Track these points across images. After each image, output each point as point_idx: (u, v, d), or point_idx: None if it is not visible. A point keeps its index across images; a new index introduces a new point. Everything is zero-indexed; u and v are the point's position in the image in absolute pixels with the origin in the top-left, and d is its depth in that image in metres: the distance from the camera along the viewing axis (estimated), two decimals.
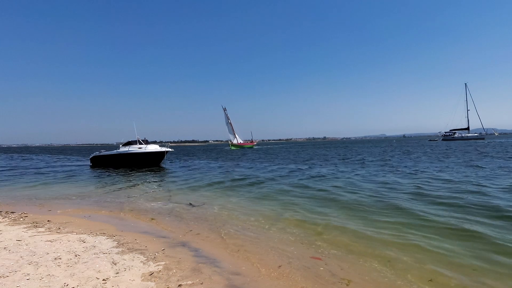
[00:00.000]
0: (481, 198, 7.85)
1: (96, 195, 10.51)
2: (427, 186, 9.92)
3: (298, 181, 12.19)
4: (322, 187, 10.57)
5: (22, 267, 3.94)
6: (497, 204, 7.11)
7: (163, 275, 3.75)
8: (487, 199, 7.66)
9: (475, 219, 6.06)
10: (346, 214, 6.89)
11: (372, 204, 7.71)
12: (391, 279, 3.73)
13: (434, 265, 4.07)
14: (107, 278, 3.63)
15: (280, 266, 4.17)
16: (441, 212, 6.69)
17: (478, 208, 6.87)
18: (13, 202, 9.34)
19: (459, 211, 6.70)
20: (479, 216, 6.25)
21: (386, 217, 6.47)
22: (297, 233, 5.61)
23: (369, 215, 6.65)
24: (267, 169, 17.77)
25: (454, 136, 73.74)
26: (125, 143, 23.00)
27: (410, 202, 7.78)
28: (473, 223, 5.76)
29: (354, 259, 4.37)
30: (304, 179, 12.72)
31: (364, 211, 7.07)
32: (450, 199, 7.82)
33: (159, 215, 7.34)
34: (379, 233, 5.44)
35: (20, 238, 5.32)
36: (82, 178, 16.03)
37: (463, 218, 6.11)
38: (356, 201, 8.13)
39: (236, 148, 65.61)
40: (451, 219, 6.04)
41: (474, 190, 8.88)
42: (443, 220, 6.02)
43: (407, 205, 7.38)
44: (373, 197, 8.55)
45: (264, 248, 4.87)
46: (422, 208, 7.08)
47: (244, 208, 7.85)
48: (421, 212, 6.67)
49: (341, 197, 8.73)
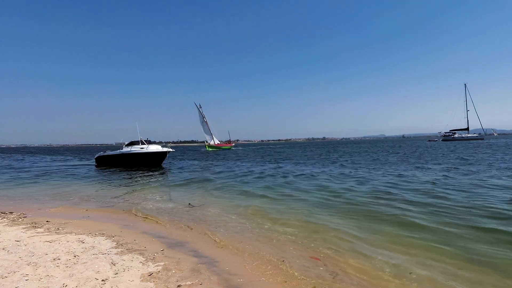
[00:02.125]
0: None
1: (96, 195, 10.49)
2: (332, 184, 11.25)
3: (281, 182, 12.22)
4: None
5: (21, 268, 3.93)
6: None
7: (163, 276, 3.75)
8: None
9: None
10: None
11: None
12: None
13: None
14: (106, 279, 3.62)
15: (280, 266, 4.17)
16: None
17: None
18: (12, 203, 9.31)
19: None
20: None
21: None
22: (296, 234, 5.61)
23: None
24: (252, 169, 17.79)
25: (454, 136, 73.90)
26: (127, 143, 23.23)
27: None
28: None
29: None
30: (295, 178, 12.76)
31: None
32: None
33: (159, 215, 7.33)
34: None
35: (19, 238, 5.31)
36: (81, 178, 15.99)
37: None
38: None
39: (213, 149, 61.02)
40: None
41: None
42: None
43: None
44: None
45: (264, 248, 4.87)
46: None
47: (244, 208, 7.85)
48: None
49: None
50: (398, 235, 5.39)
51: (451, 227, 5.64)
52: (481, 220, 6.01)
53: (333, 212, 7.13)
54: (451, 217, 6.28)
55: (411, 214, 6.61)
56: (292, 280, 3.75)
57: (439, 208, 7.02)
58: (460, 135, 74.27)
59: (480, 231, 5.35)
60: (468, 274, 3.85)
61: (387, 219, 6.36)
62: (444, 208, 7.05)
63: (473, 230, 5.45)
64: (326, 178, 13.16)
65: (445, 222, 5.99)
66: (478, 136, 74.91)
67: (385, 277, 3.81)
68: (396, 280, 3.72)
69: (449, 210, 6.82)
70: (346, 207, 7.64)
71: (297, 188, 10.76)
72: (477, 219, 6.09)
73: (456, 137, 73.46)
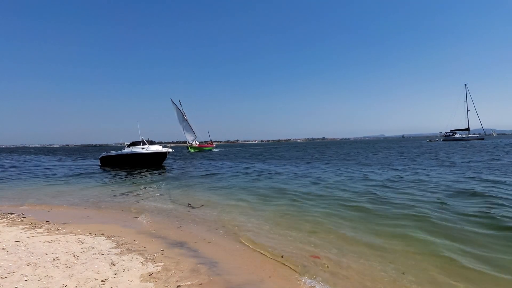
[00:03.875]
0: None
1: (95, 195, 10.48)
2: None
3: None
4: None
5: (21, 268, 3.93)
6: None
7: (162, 276, 3.75)
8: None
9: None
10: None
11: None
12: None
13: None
14: (106, 279, 3.62)
15: (279, 265, 4.17)
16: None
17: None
18: (12, 203, 9.31)
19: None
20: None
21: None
22: (295, 234, 5.61)
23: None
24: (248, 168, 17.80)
25: (455, 136, 73.95)
26: (129, 143, 23.43)
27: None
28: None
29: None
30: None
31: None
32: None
33: (158, 215, 7.32)
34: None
35: (18, 239, 5.31)
36: (81, 178, 15.98)
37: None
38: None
39: (196, 150, 54.19)
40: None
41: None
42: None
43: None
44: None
45: (263, 249, 4.86)
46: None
47: (243, 209, 7.84)
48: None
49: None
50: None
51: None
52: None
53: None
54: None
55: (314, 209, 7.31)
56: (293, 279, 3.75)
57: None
58: (461, 135, 74.29)
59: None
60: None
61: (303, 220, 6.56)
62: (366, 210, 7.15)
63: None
64: (285, 178, 13.82)
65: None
66: (478, 136, 74.94)
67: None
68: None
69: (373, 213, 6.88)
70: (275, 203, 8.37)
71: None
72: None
73: (457, 137, 73.47)
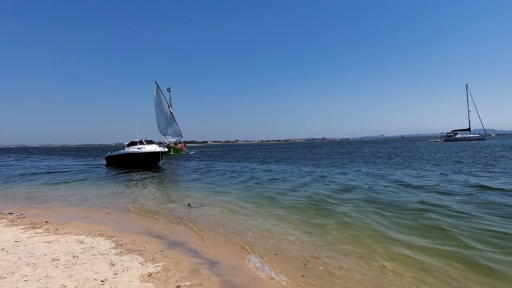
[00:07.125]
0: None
1: (95, 196, 10.47)
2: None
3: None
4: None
5: (20, 268, 3.92)
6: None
7: (162, 276, 3.74)
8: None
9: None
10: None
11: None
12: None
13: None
14: (105, 279, 3.61)
15: (279, 266, 4.16)
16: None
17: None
18: (11, 203, 9.29)
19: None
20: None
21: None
22: (297, 234, 5.61)
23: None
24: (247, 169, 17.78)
25: (456, 136, 74.09)
26: (128, 143, 24.08)
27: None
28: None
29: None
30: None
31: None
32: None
33: (158, 215, 7.31)
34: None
35: (18, 239, 5.30)
36: (80, 179, 15.96)
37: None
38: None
39: (176, 152, 45.74)
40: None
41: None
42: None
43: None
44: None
45: (263, 248, 4.86)
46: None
47: (242, 209, 7.84)
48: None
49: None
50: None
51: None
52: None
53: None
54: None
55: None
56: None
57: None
58: (462, 135, 74.43)
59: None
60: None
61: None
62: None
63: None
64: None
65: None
66: (479, 136, 75.07)
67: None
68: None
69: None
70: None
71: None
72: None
73: (458, 138, 73.62)
